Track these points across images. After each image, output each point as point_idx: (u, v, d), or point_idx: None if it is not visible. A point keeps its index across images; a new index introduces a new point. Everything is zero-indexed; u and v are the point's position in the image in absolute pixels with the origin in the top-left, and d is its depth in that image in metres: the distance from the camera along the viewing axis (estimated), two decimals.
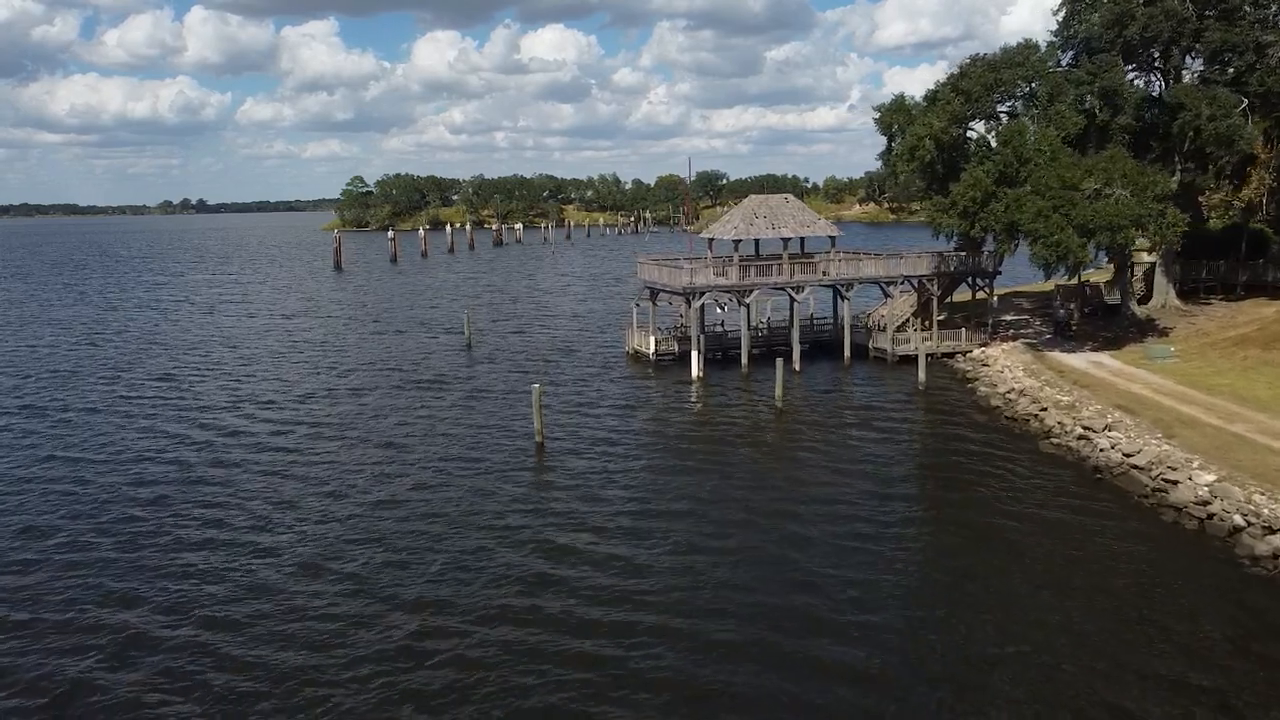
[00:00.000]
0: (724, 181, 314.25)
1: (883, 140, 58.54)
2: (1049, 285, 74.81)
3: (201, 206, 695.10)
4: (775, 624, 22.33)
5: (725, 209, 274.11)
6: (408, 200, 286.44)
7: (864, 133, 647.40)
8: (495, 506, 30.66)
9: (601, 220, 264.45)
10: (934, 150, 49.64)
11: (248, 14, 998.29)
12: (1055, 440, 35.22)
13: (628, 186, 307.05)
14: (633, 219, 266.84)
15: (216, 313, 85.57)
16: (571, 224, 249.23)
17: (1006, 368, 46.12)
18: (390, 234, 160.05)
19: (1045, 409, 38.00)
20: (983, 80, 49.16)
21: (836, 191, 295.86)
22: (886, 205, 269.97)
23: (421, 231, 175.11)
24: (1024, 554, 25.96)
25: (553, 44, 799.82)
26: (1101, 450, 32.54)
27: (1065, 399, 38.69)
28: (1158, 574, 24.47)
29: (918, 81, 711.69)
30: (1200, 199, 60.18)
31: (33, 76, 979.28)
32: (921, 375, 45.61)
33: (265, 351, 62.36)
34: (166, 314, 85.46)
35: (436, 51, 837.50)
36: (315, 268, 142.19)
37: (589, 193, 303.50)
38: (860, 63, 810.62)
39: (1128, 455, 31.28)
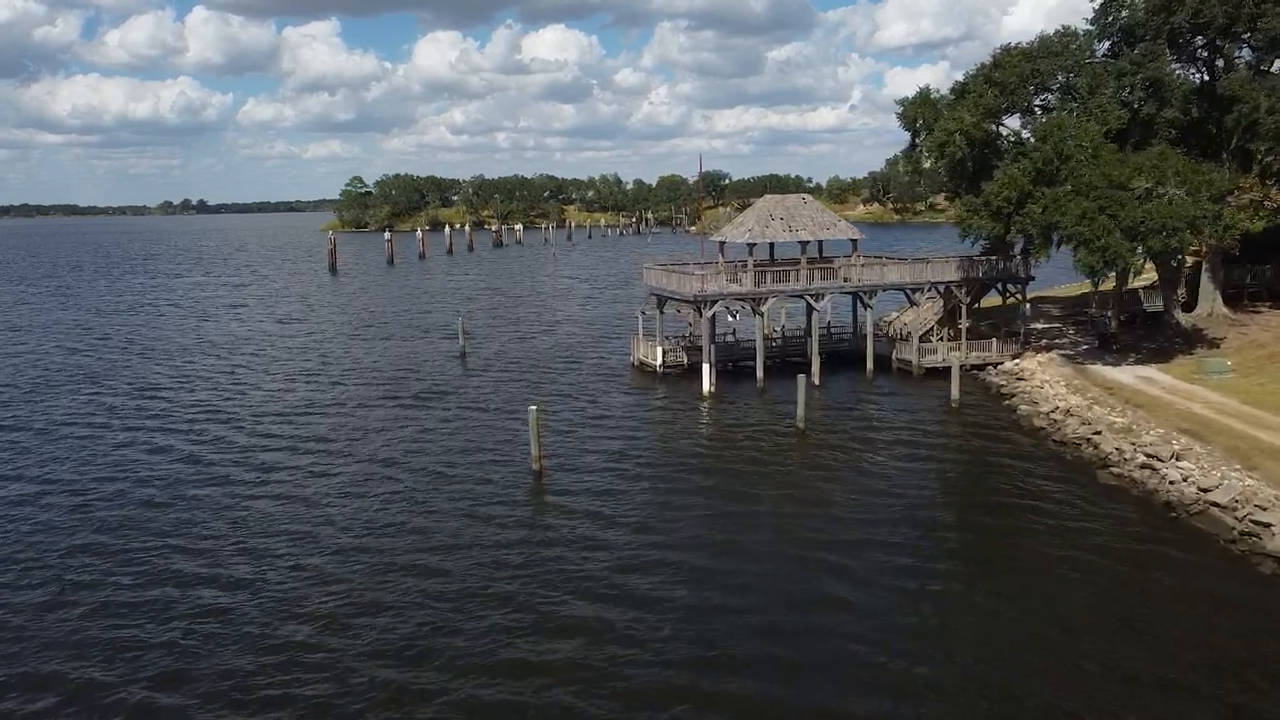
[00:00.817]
0: (726, 182, 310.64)
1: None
2: (1077, 289, 71.14)
3: (202, 207, 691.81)
4: (820, 687, 18.70)
5: (728, 209, 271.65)
6: (407, 201, 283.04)
7: (864, 133, 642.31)
8: (486, 547, 26.94)
9: (603, 221, 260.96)
10: (965, 146, 45.86)
11: (249, 14, 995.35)
12: (1115, 470, 31.43)
13: (629, 187, 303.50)
14: (634, 219, 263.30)
15: (206, 318, 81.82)
16: (572, 224, 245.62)
17: (1046, 383, 42.36)
18: (387, 235, 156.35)
19: (1099, 432, 34.22)
20: (1018, 71, 45.36)
21: (840, 191, 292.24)
22: (891, 205, 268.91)
23: (419, 233, 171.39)
24: (1103, 609, 22.21)
25: (554, 44, 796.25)
26: (1172, 483, 28.78)
27: (1119, 420, 34.92)
28: (1271, 640, 20.71)
29: (918, 82, 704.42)
30: (1228, 199, 56.51)
31: (34, 77, 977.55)
32: (955, 391, 41.83)
33: (250, 361, 58.61)
34: (155, 319, 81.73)
35: (438, 52, 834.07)
36: (310, 269, 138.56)
37: (590, 193, 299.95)
38: (861, 63, 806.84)
39: (1204, 490, 27.53)
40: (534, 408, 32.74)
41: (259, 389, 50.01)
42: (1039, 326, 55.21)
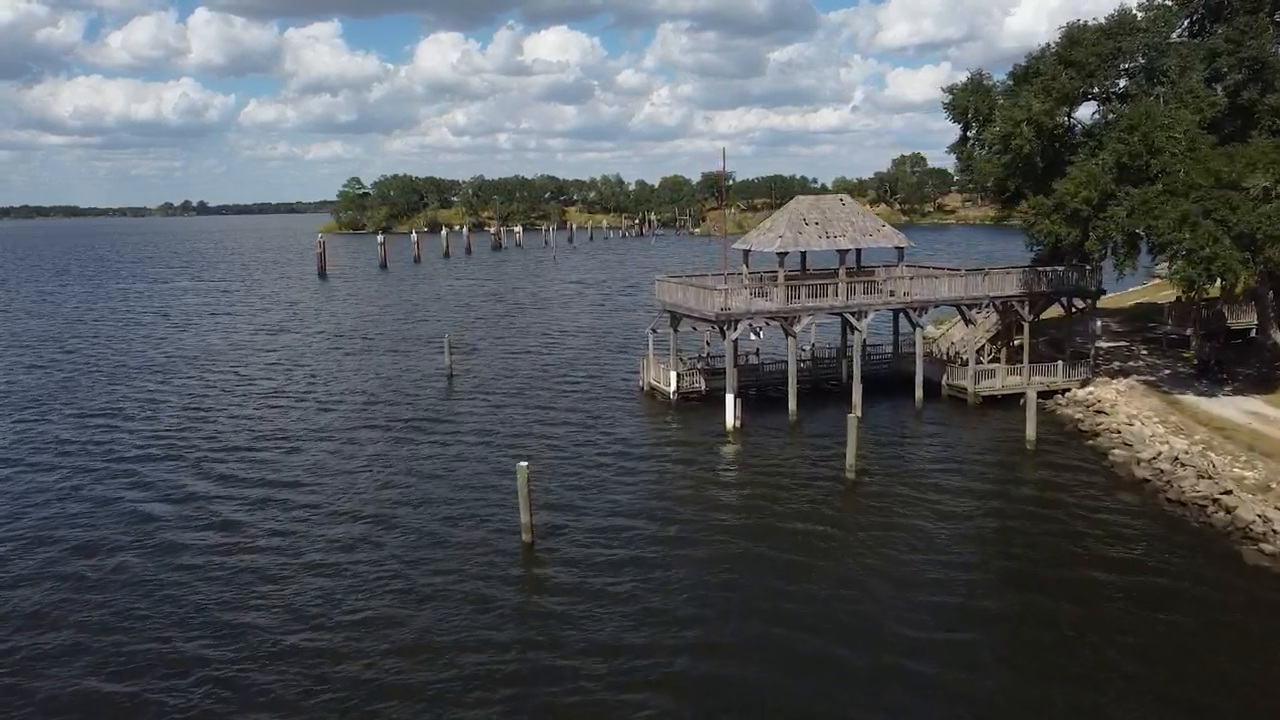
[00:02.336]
0: (730, 182, 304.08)
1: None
2: (1132, 298, 64.28)
3: (202, 208, 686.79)
4: None
5: (732, 211, 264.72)
6: (406, 202, 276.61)
7: (866, 134, 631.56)
8: (462, 648, 20.38)
9: (605, 222, 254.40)
10: (1034, 139, 39.12)
11: (251, 16, 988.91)
12: (1265, 547, 24.72)
13: (631, 188, 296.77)
14: (637, 221, 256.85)
15: (184, 328, 75.00)
16: (574, 226, 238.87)
17: (1136, 419, 35.65)
18: (380, 238, 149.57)
19: (1228, 491, 27.50)
20: (1098, 50, 38.64)
21: (846, 192, 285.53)
22: (898, 207, 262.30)
23: (414, 235, 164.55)
24: None
25: (556, 45, 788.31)
26: None
27: (1251, 475, 28.23)
28: None
29: (920, 83, 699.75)
30: None
31: (37, 79, 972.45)
32: (1030, 430, 35.07)
33: (219, 381, 51.80)
34: (131, 330, 74.83)
35: (439, 53, 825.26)
36: (300, 273, 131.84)
37: (591, 194, 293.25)
38: (863, 64, 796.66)
39: None
40: (524, 464, 26.02)
41: (223, 416, 43.64)
42: (1103, 346, 48.51)
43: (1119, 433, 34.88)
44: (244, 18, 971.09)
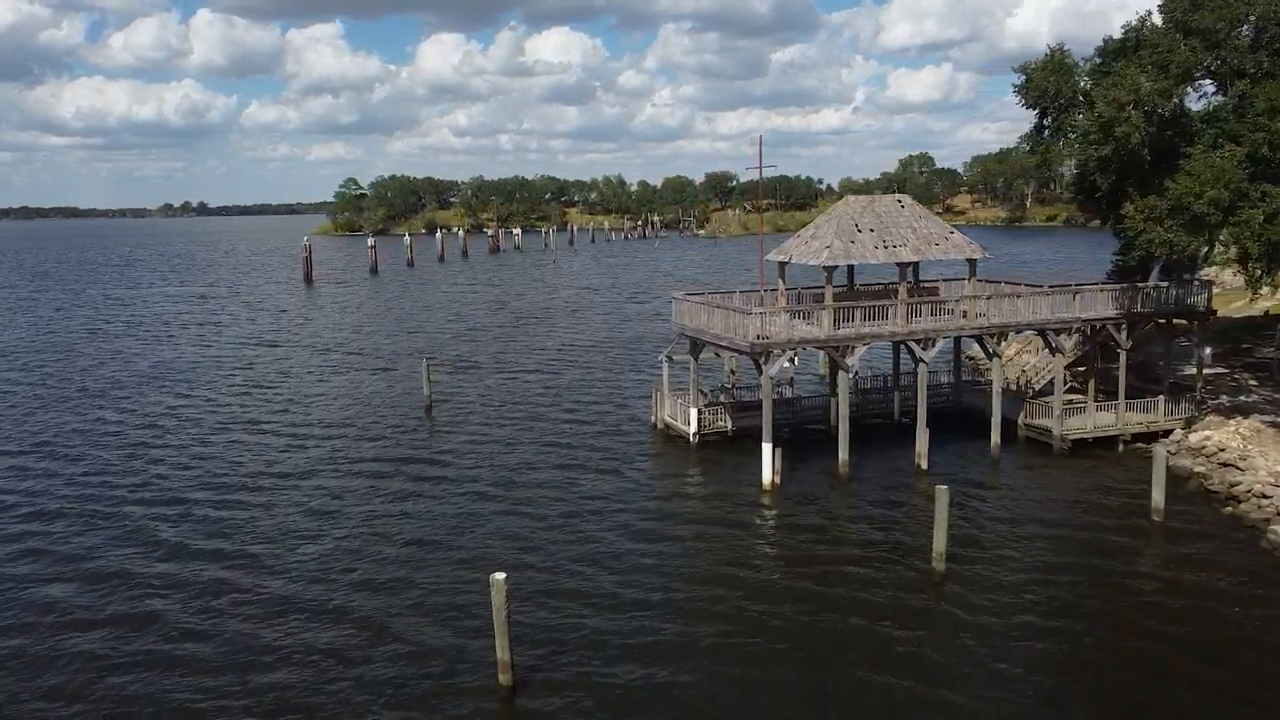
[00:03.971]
0: (734, 183, 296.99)
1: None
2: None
3: (202, 209, 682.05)
4: None
5: (736, 213, 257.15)
6: (404, 203, 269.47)
7: (867, 134, 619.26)
8: None
9: (606, 224, 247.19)
10: (1143, 125, 31.56)
11: (253, 17, 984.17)
12: None
13: (633, 188, 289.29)
14: (639, 222, 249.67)
15: (155, 342, 67.65)
16: (574, 228, 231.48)
17: None
18: (370, 241, 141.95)
19: None
20: (1228, 13, 31.07)
21: (852, 193, 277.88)
22: None
23: (408, 238, 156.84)
24: None
25: (558, 46, 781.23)
26: None
27: None
28: None
29: (921, 84, 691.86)
30: None
31: (39, 80, 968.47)
32: (1158, 496, 27.45)
33: (173, 408, 44.42)
34: (98, 343, 67.29)
35: (441, 54, 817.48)
36: (287, 278, 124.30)
37: (593, 195, 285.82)
38: (865, 65, 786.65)
39: None
40: (499, 576, 18.45)
41: (168, 455, 36.74)
42: (1191, 370, 40.98)
43: (1267, 497, 27.39)
44: (246, 19, 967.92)
